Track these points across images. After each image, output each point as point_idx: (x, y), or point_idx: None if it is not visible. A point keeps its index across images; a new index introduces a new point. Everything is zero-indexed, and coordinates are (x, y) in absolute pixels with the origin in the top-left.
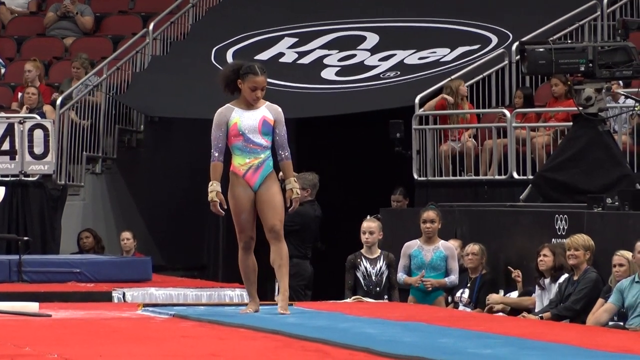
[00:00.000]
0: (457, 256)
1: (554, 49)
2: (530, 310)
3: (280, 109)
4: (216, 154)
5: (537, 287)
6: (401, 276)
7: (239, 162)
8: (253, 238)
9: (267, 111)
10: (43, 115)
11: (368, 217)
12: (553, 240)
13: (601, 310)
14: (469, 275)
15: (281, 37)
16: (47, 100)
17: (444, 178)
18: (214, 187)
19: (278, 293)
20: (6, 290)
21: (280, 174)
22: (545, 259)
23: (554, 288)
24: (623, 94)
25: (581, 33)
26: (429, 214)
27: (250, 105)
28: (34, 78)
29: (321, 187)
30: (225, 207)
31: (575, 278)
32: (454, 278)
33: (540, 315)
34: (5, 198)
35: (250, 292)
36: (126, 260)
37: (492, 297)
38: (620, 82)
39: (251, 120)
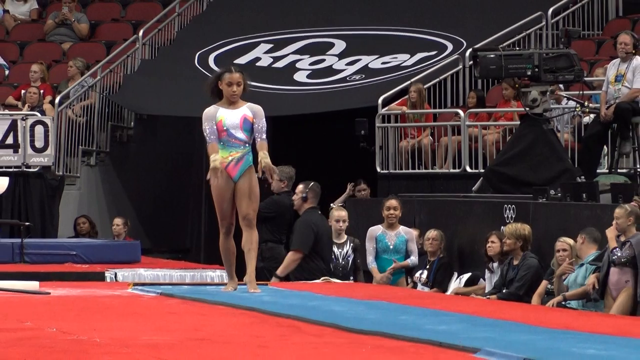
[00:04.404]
0: (415, 240)
1: (503, 55)
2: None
3: (259, 107)
4: (212, 137)
5: (486, 270)
6: (372, 263)
7: (222, 155)
8: (233, 224)
9: (248, 110)
10: (43, 112)
11: (335, 205)
12: (502, 227)
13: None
14: (428, 258)
15: (258, 44)
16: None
17: (404, 171)
18: (216, 157)
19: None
20: (9, 271)
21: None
22: (493, 245)
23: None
24: (566, 97)
25: (528, 41)
26: (392, 202)
27: (231, 104)
28: (38, 79)
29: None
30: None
31: (516, 263)
32: (414, 259)
33: (487, 296)
34: (9, 187)
35: (230, 273)
36: (117, 243)
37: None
38: (561, 85)
39: (233, 117)
